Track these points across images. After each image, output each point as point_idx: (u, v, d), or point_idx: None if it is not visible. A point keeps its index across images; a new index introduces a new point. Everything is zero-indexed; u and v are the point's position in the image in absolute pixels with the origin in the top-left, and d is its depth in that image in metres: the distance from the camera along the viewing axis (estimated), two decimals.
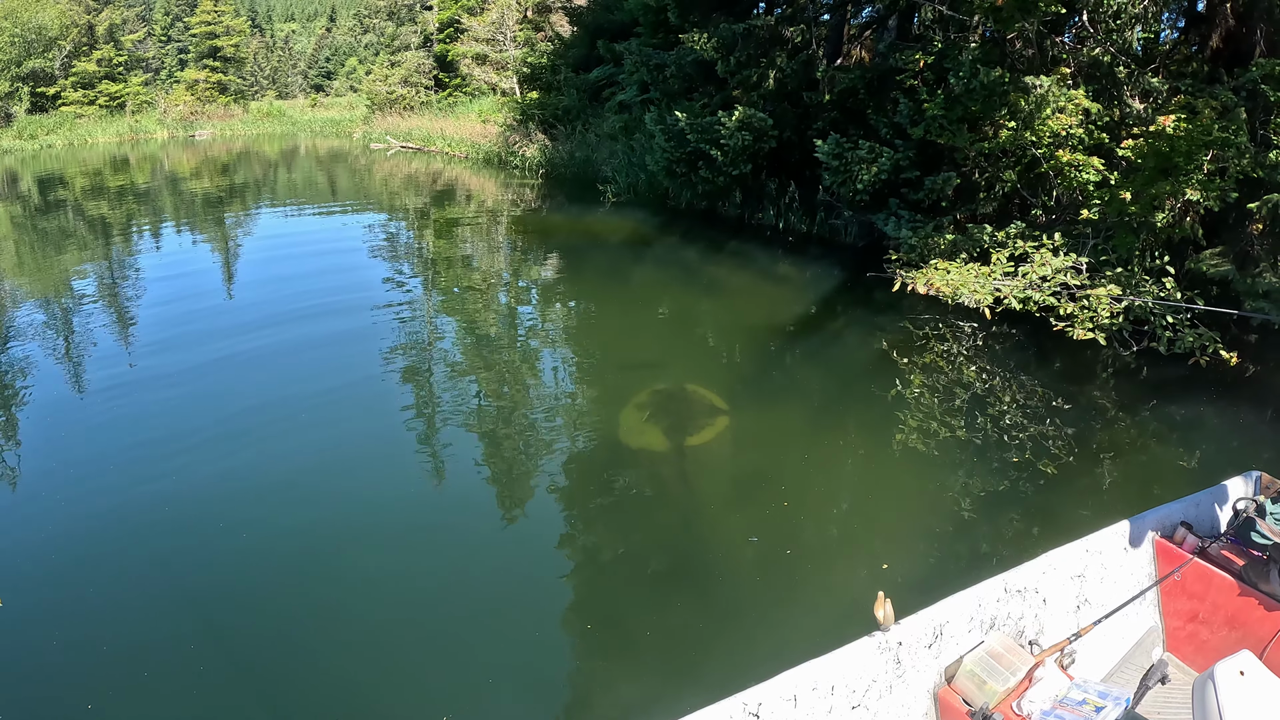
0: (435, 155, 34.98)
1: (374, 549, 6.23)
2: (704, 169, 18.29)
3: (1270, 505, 4.38)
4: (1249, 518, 4.32)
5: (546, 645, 5.25)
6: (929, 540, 6.32)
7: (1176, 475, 7.44)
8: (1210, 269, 10.03)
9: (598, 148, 25.45)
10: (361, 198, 26.59)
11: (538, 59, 35.00)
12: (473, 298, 13.76)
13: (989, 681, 3.40)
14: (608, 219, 20.15)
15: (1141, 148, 10.67)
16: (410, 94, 44.86)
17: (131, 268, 15.95)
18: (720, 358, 10.91)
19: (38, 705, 4.68)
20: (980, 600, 3.65)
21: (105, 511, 6.67)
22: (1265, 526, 4.25)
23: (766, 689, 3.03)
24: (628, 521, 6.76)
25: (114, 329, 11.62)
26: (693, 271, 15.36)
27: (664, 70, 21.12)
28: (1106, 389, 9.39)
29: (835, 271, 14.76)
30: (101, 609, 5.48)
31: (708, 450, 7.87)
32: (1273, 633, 3.91)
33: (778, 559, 6.05)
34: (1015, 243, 11.59)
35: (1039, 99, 11.71)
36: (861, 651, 3.28)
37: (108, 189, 26.93)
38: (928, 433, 8.12)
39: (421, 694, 4.72)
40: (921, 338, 10.85)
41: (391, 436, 8.15)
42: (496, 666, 5.00)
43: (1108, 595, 4.19)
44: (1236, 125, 10.00)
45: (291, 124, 56.84)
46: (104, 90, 50.40)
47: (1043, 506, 6.80)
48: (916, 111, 13.76)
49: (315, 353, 10.40)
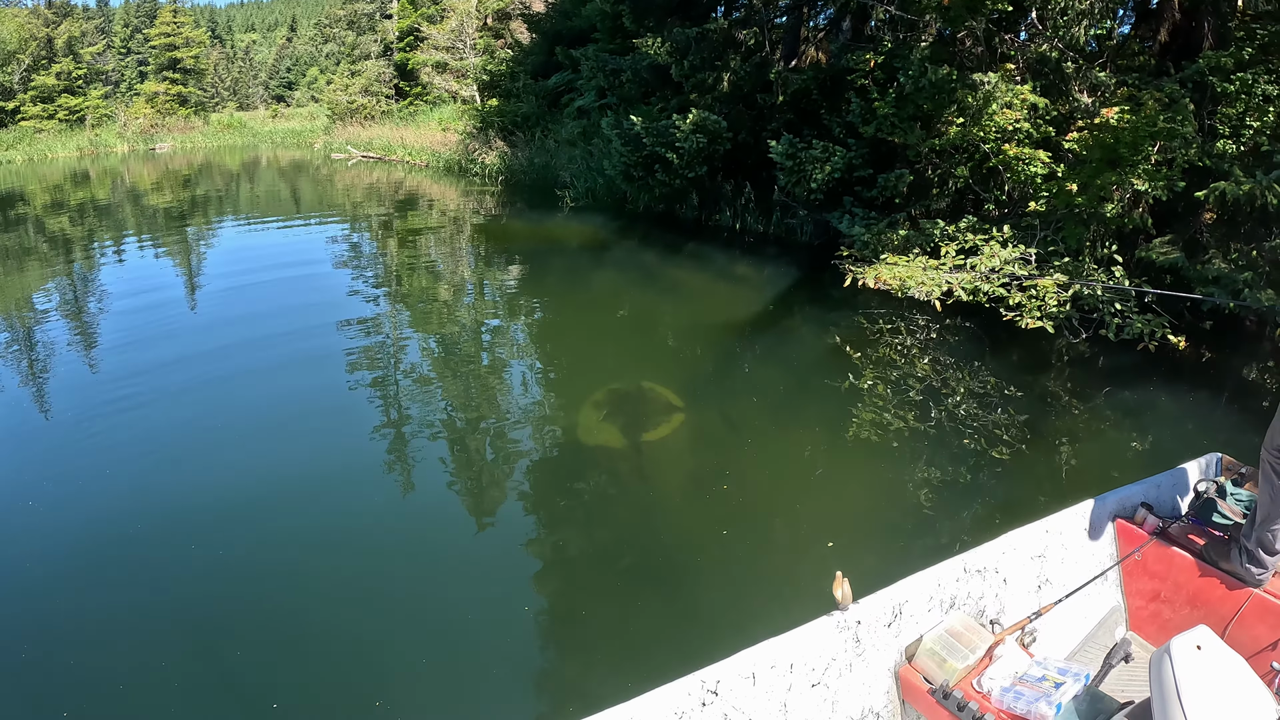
0: (396, 164, 34.74)
1: (339, 555, 6.16)
2: (660, 172, 18.30)
3: (1231, 487, 4.43)
4: (1210, 499, 4.35)
5: (510, 640, 5.21)
6: (887, 527, 6.35)
7: (1132, 460, 7.51)
8: (1160, 257, 10.13)
9: (556, 154, 25.39)
10: (324, 209, 26.29)
11: (497, 66, 34.90)
12: (435, 306, 13.65)
13: (949, 660, 3.38)
14: (567, 224, 20.10)
15: (1086, 140, 10.81)
16: (371, 103, 44.57)
17: (94, 284, 15.56)
18: (678, 357, 10.89)
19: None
20: (940, 580, 3.64)
21: (69, 527, 6.52)
22: (1226, 507, 4.28)
23: (725, 667, 2.99)
24: (587, 517, 6.75)
25: (75, 345, 11.30)
26: (651, 273, 15.35)
27: (620, 75, 21.11)
28: (1060, 377, 9.47)
29: (791, 270, 14.81)
30: (68, 625, 5.36)
31: (665, 446, 7.85)
32: (1234, 610, 3.93)
33: (736, 548, 6.05)
34: (965, 236, 11.70)
35: (986, 95, 11.83)
36: (820, 630, 3.25)
37: (68, 204, 26.42)
38: (883, 424, 8.14)
39: (388, 692, 4.67)
40: (875, 332, 10.89)
41: (356, 444, 8.03)
42: (463, 664, 4.99)
43: (1069, 575, 4.19)
44: (1183, 116, 10.12)
45: (252, 135, 56.03)
46: (63, 104, 49.48)
47: (1000, 493, 6.82)
48: (868, 111, 13.88)
49: (279, 364, 10.20)
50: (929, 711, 3.39)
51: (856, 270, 11.57)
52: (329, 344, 10.95)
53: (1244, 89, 10.07)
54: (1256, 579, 3.92)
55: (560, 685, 4.90)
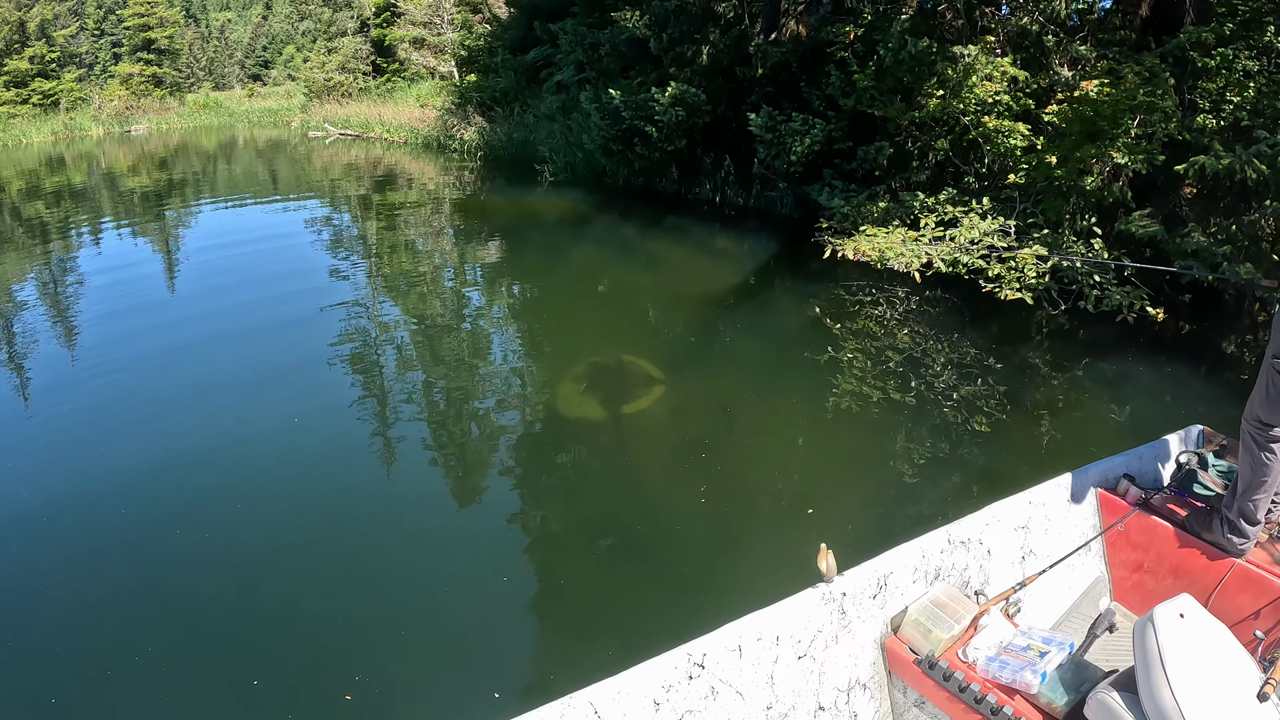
0: (374, 142, 34.35)
1: (318, 529, 6.15)
2: (640, 146, 18.23)
3: (1212, 459, 4.45)
4: (1191, 470, 4.37)
5: (491, 614, 5.18)
6: (867, 497, 6.37)
7: (1111, 431, 7.55)
8: (1140, 230, 10.14)
9: (535, 129, 25.13)
10: (302, 187, 25.97)
11: (475, 41, 34.56)
12: (415, 282, 13.56)
13: (934, 630, 3.37)
14: (546, 199, 20.00)
15: (1066, 113, 10.82)
16: (348, 80, 44.04)
17: (71, 268, 15.30)
18: (658, 330, 10.88)
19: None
20: (924, 551, 3.63)
21: (44, 507, 6.46)
22: (1207, 478, 4.31)
23: (711, 639, 2.97)
24: (567, 489, 6.75)
25: (53, 328, 11.18)
26: (631, 247, 15.32)
27: (599, 49, 20.99)
28: (1039, 349, 9.50)
29: (771, 243, 14.78)
30: (46, 608, 5.33)
31: (645, 418, 7.85)
32: (1216, 580, 3.95)
33: (719, 521, 6.06)
34: (945, 208, 11.70)
35: (966, 68, 11.80)
36: (806, 602, 3.23)
37: (44, 190, 25.98)
38: (863, 395, 8.15)
39: (368, 667, 4.64)
40: (855, 304, 10.89)
41: (335, 420, 8.00)
42: (443, 638, 4.96)
43: (1052, 546, 4.19)
44: (1163, 90, 10.13)
45: (229, 115, 55.06)
46: (37, 88, 48.50)
47: (979, 464, 6.84)
48: (848, 83, 13.83)
49: (258, 343, 10.14)
50: (915, 682, 3.39)
51: (836, 242, 11.53)
52: (308, 322, 10.87)
53: (1224, 64, 10.09)
54: (1238, 549, 3.94)
55: (543, 659, 4.89)
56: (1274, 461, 3.78)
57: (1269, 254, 9.31)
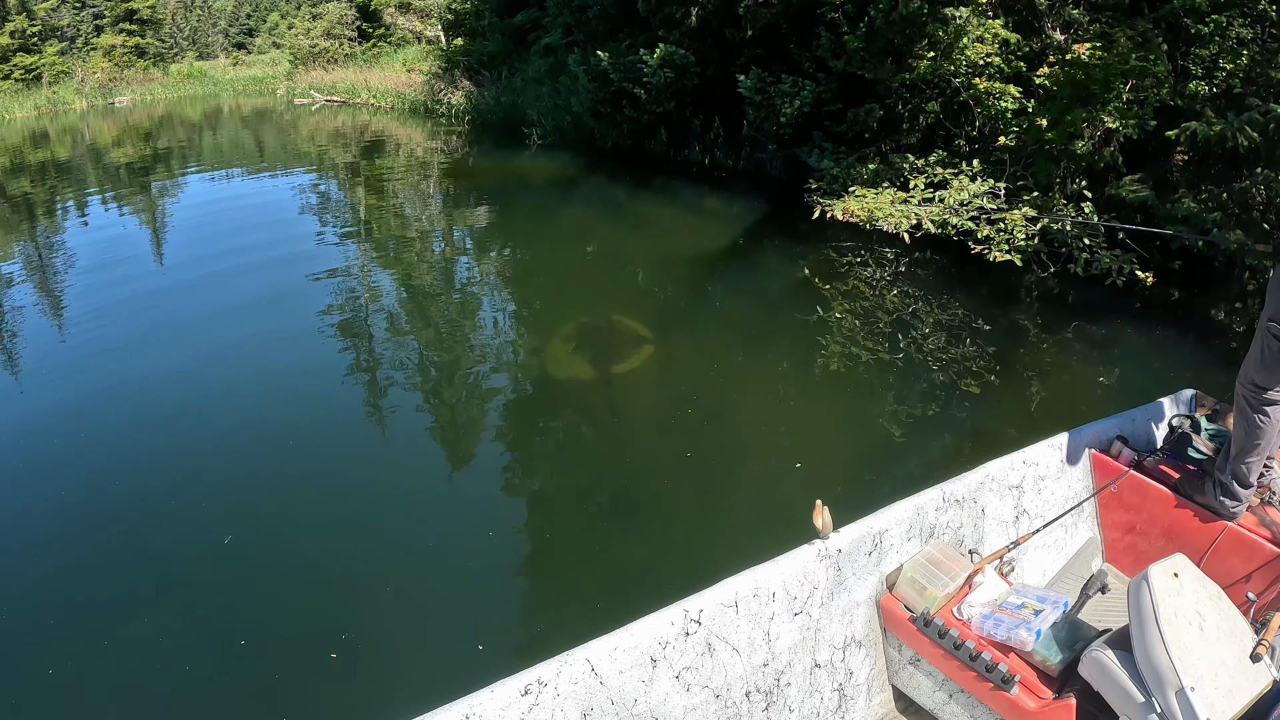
0: (360, 108, 33.91)
1: (310, 492, 6.19)
2: (628, 108, 18.11)
3: (1205, 422, 4.44)
4: (1184, 433, 4.37)
5: (485, 574, 5.24)
6: (858, 457, 6.42)
7: (1100, 394, 7.58)
8: (1130, 195, 10.13)
9: (523, 92, 24.86)
10: (289, 156, 25.66)
11: (462, 5, 34.09)
12: (405, 247, 13.50)
13: (929, 587, 3.37)
14: (535, 162, 19.84)
15: (1058, 76, 10.75)
16: (333, 46, 43.30)
17: (58, 243, 15.14)
18: (647, 291, 10.86)
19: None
20: (919, 509, 3.62)
21: (41, 482, 6.46)
22: (1200, 441, 4.31)
23: (708, 595, 2.96)
24: (558, 449, 6.79)
25: (42, 303, 11.14)
26: (620, 209, 15.26)
27: (587, 11, 20.83)
28: (1029, 312, 9.50)
29: (760, 204, 14.71)
30: (43, 580, 5.32)
31: (634, 377, 7.87)
32: (1209, 543, 3.97)
33: (708, 478, 6.09)
34: (935, 170, 11.64)
35: (957, 29, 11.70)
36: (802, 559, 3.22)
37: (28, 165, 25.62)
38: (852, 356, 8.17)
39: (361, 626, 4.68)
40: (844, 265, 10.87)
41: (326, 383, 8.01)
42: (436, 598, 4.99)
43: (1045, 506, 4.20)
44: (1155, 55, 10.08)
45: (214, 85, 53.95)
46: (19, 63, 47.67)
47: (969, 424, 6.88)
48: (838, 45, 13.69)
49: (249, 310, 10.07)
50: (910, 639, 3.39)
51: (825, 202, 11.49)
52: (299, 290, 10.80)
53: (1218, 31, 10.01)
54: (1231, 512, 3.95)
55: (533, 617, 4.91)
56: (1268, 425, 3.77)
57: (1259, 222, 9.30)
